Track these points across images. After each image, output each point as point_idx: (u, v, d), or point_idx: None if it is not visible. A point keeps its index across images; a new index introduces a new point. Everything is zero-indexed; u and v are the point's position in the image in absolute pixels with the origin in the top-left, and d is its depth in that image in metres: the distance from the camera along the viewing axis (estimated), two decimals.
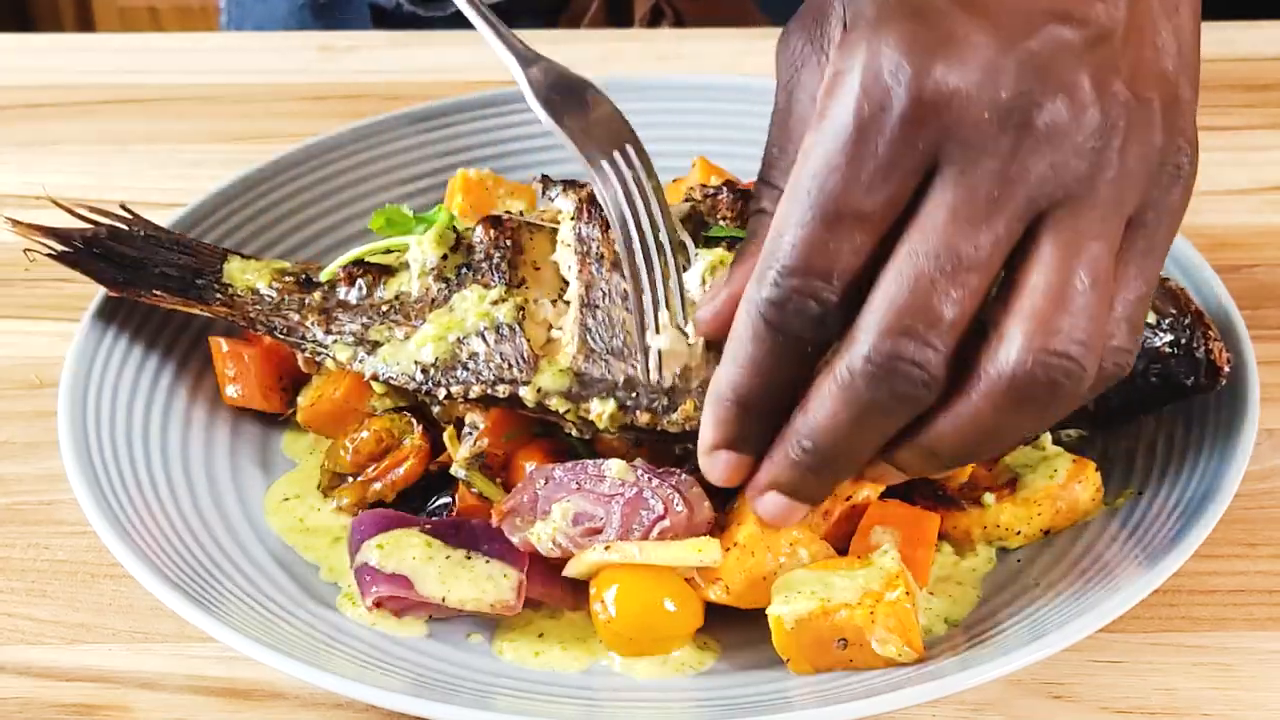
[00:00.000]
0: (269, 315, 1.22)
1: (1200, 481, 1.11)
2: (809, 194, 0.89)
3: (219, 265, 1.26)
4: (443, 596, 1.07)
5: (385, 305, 1.20)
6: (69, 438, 1.15)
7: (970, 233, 0.87)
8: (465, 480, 1.15)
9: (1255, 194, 1.48)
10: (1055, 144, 0.87)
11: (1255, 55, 1.66)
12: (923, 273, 0.88)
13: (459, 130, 1.47)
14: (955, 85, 0.86)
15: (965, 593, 1.11)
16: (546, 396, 1.12)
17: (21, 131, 1.59)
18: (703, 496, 1.08)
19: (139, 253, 1.27)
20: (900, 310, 0.88)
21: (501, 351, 1.14)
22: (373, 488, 1.17)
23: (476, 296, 1.16)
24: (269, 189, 1.39)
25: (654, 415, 1.10)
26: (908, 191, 0.88)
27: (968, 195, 0.87)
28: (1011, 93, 0.87)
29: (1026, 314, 0.88)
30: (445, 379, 1.15)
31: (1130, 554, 1.08)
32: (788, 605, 1.03)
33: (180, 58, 1.73)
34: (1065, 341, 0.88)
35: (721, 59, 1.68)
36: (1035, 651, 0.99)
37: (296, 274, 1.25)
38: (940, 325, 0.88)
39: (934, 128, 0.87)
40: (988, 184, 0.87)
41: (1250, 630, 1.09)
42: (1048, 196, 0.88)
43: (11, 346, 1.35)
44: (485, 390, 1.13)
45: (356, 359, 1.18)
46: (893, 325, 0.88)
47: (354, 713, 1.05)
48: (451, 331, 1.15)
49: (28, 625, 1.11)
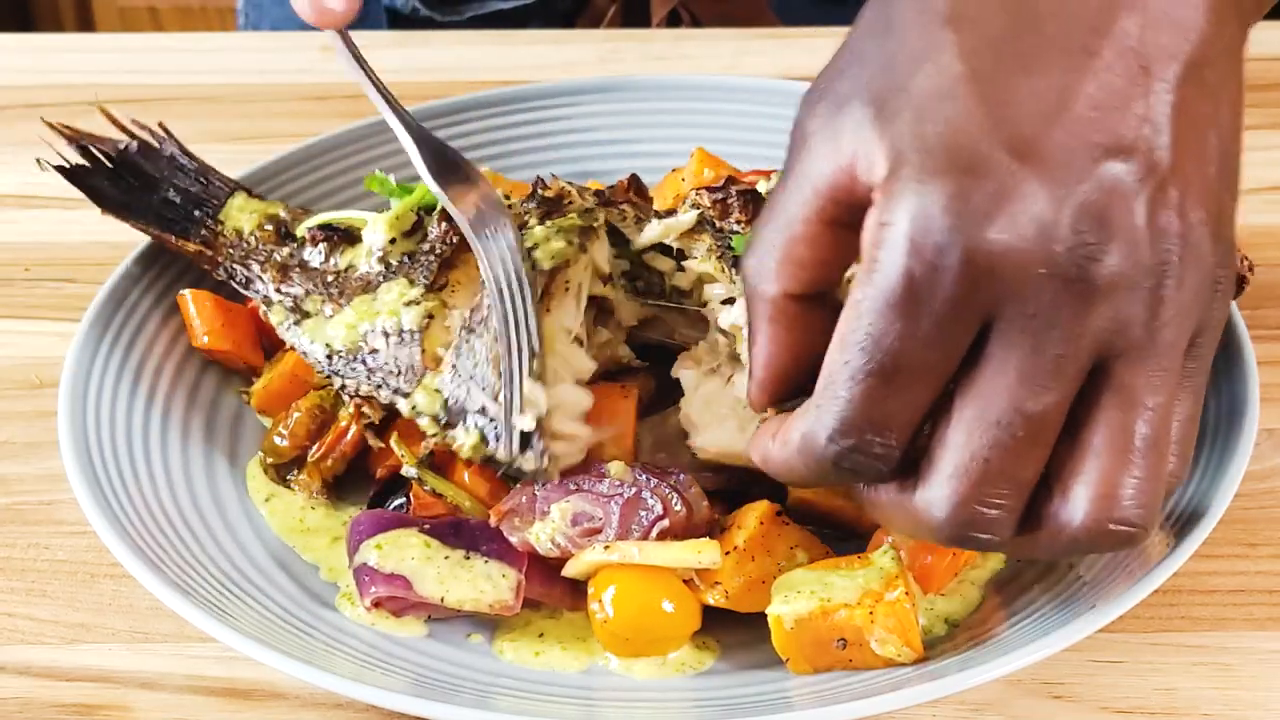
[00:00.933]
0: (235, 263, 1.23)
1: (1200, 481, 1.11)
2: (863, 350, 0.86)
3: (224, 199, 1.27)
4: (441, 597, 1.07)
5: (331, 275, 1.19)
6: (69, 438, 1.15)
7: (1036, 394, 0.86)
8: (418, 479, 1.15)
9: (1255, 194, 1.48)
10: (1115, 295, 0.85)
11: (1255, 55, 1.65)
12: (992, 439, 0.86)
13: (459, 130, 1.47)
14: (1010, 243, 0.84)
15: (968, 592, 1.10)
16: (418, 415, 1.11)
17: (21, 131, 1.59)
18: (701, 496, 1.08)
19: (157, 172, 1.29)
20: (973, 479, 0.87)
21: (397, 355, 1.12)
22: (324, 465, 1.18)
23: (398, 292, 1.14)
24: (269, 189, 1.39)
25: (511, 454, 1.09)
26: (963, 350, 0.87)
27: (1031, 356, 0.85)
28: (1067, 246, 0.84)
29: (1090, 477, 0.87)
30: (344, 369, 1.14)
31: (1130, 554, 1.08)
32: (787, 605, 1.03)
33: (180, 58, 1.72)
34: (1129, 508, 0.88)
35: (720, 59, 1.68)
36: (1035, 651, 0.99)
37: (281, 222, 1.25)
38: (1012, 493, 0.88)
39: (990, 287, 0.84)
40: (1053, 345, 0.85)
41: (1250, 630, 1.09)
42: (1109, 347, 0.86)
43: (11, 346, 1.35)
44: (371, 391, 1.13)
45: (285, 325, 1.18)
46: (967, 495, 0.88)
47: (354, 713, 1.05)
48: (363, 321, 1.14)
49: (28, 625, 1.11)
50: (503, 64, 1.70)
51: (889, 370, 0.86)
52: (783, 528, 1.08)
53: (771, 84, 1.50)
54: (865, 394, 0.87)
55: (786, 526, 1.09)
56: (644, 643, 1.06)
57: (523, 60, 1.70)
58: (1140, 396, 0.87)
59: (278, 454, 1.19)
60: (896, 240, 0.85)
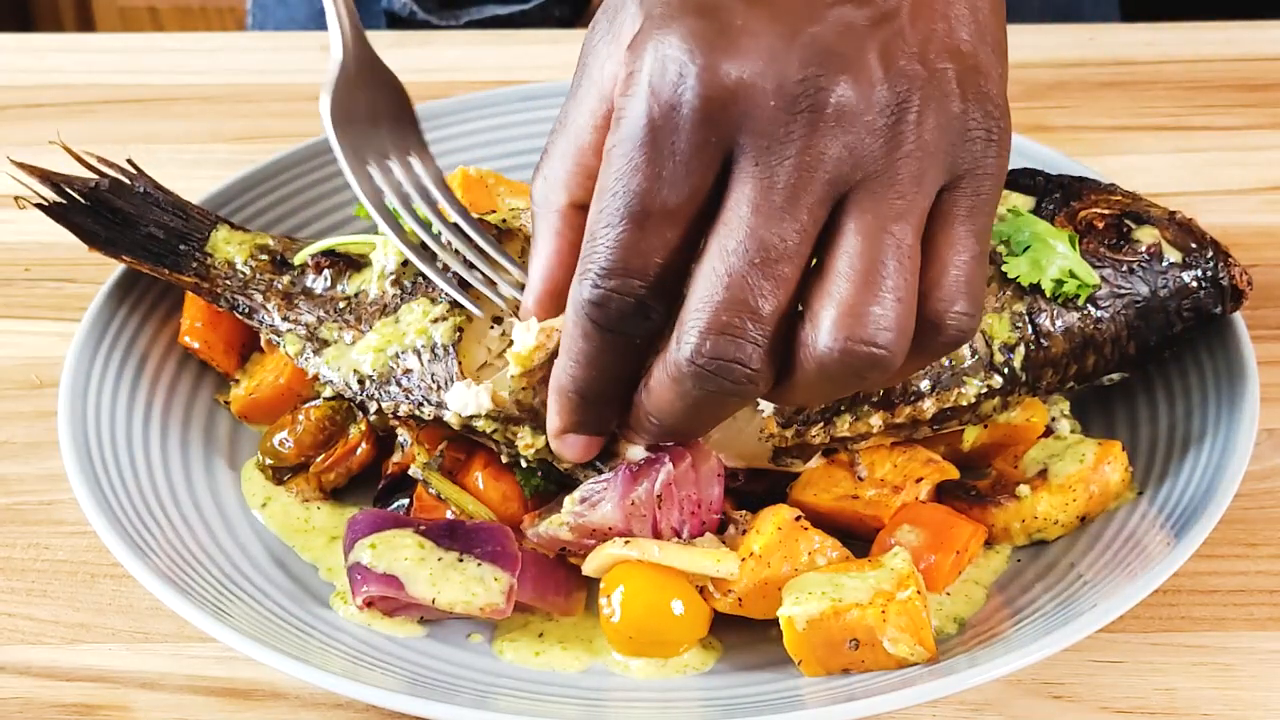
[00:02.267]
0: (235, 293, 1.22)
1: (1200, 481, 1.11)
2: (615, 195, 0.90)
3: (206, 233, 1.26)
4: (432, 599, 1.07)
5: (343, 301, 1.20)
6: (69, 438, 1.15)
7: (775, 224, 0.89)
8: (423, 481, 1.15)
9: (1255, 194, 1.48)
10: (847, 125, 0.88)
11: (1255, 55, 1.66)
12: (734, 269, 0.89)
13: (459, 130, 1.47)
14: (740, 77, 0.88)
15: (977, 593, 1.10)
16: (473, 418, 1.11)
17: (21, 131, 1.59)
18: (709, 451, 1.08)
19: (134, 210, 1.27)
20: (716, 309, 0.90)
21: (433, 372, 1.13)
22: (326, 476, 1.18)
23: (421, 311, 1.15)
24: (269, 189, 1.39)
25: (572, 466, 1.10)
26: (708, 184, 0.90)
27: (767, 186, 0.88)
28: (797, 79, 0.88)
29: (834, 300, 0.90)
30: (379, 393, 1.14)
31: (1130, 554, 1.08)
32: (799, 606, 1.03)
33: (180, 58, 1.72)
34: (874, 329, 0.89)
35: None
36: (1035, 651, 0.99)
37: (274, 253, 1.24)
38: (756, 320, 0.90)
39: (725, 121, 0.88)
40: (785, 173, 0.88)
41: (1250, 630, 1.09)
42: (846, 179, 0.89)
43: (11, 346, 1.35)
44: (412, 410, 1.13)
45: (304, 355, 1.18)
46: (711, 324, 0.90)
47: (354, 713, 1.05)
48: (391, 344, 1.14)
49: (28, 625, 1.11)
50: (503, 64, 1.70)
51: (639, 213, 0.90)
52: (801, 533, 1.08)
53: None
54: (621, 239, 0.90)
55: (805, 532, 1.08)
56: (651, 643, 1.06)
57: (522, 60, 1.70)
58: (881, 223, 0.89)
59: (278, 458, 1.19)
60: (638, 87, 0.89)
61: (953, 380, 1.12)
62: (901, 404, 1.11)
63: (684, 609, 1.05)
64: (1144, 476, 1.16)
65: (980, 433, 1.16)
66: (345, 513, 1.18)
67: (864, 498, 1.12)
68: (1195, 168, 1.51)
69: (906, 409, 1.11)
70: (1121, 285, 1.16)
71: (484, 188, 1.36)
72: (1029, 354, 1.13)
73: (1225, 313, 1.18)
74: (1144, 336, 1.17)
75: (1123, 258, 1.16)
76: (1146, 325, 1.16)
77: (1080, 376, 1.17)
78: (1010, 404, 1.15)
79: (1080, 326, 1.15)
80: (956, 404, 1.12)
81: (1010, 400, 1.15)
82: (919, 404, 1.11)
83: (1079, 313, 1.15)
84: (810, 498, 1.13)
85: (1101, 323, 1.15)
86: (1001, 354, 1.13)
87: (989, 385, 1.12)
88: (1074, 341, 1.15)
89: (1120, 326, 1.16)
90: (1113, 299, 1.15)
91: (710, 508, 1.08)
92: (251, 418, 1.24)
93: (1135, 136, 1.56)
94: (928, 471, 1.13)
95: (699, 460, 1.07)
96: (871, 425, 1.11)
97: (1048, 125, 1.57)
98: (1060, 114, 1.59)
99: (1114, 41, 1.70)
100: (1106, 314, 1.15)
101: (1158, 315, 1.17)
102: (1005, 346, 1.13)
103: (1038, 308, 1.14)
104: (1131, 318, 1.16)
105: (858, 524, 1.13)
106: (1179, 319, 1.17)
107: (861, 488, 1.13)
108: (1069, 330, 1.15)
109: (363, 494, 1.19)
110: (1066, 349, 1.15)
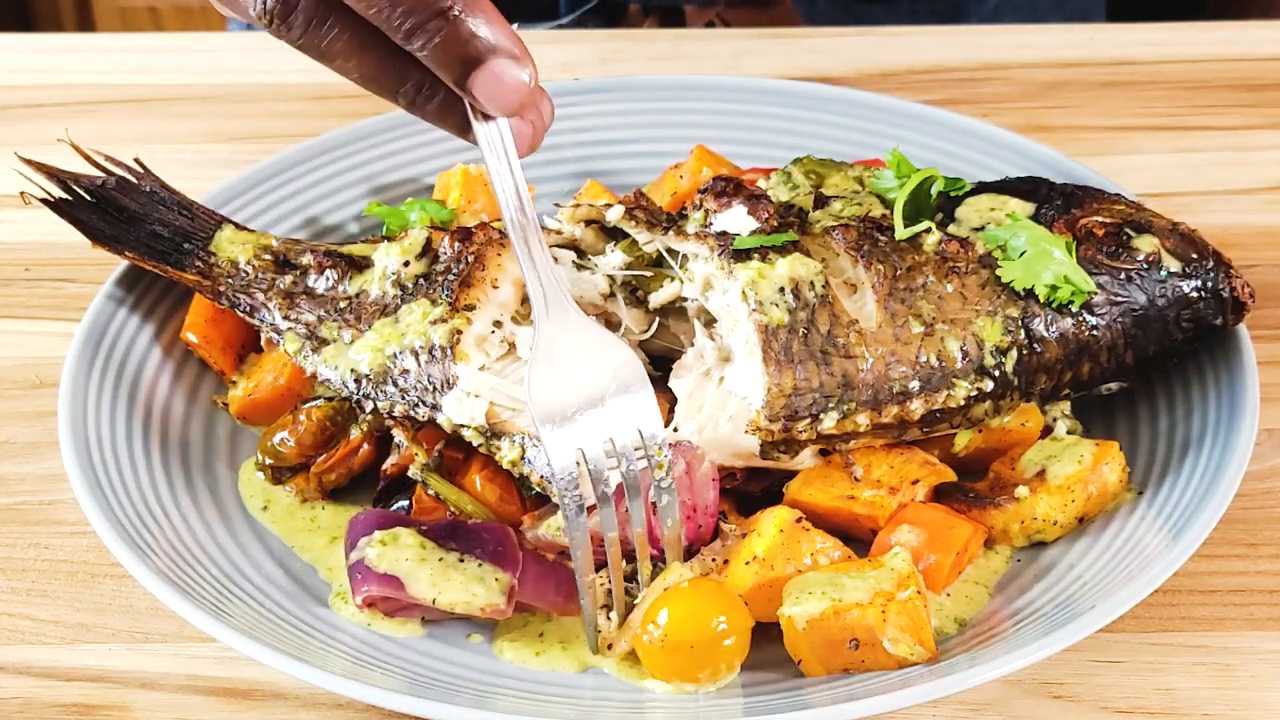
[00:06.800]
0: (237, 291, 1.23)
1: (1200, 481, 1.11)
2: None
3: (211, 232, 1.27)
4: (433, 599, 1.07)
5: (344, 301, 1.20)
6: (69, 438, 1.15)
7: None
8: (422, 482, 1.15)
9: (1255, 194, 1.48)
10: None
11: (1255, 55, 1.66)
12: None
13: None
14: None
15: (977, 593, 1.11)
16: (462, 426, 1.12)
17: (22, 131, 1.59)
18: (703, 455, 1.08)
19: (140, 207, 1.28)
20: None
21: (430, 373, 1.13)
22: (327, 476, 1.18)
23: (421, 312, 1.15)
24: (269, 189, 1.39)
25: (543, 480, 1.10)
26: None
27: None
28: None
29: None
30: (375, 392, 1.15)
31: (1130, 554, 1.08)
32: (799, 606, 1.03)
33: (180, 58, 1.73)
34: None
35: (720, 59, 1.68)
36: (1035, 651, 0.99)
37: (277, 253, 1.25)
38: None
39: None
40: None
41: (1250, 630, 1.09)
42: None
43: (11, 346, 1.35)
44: (407, 410, 1.14)
45: (303, 353, 1.18)
46: None
47: (354, 713, 1.05)
48: (390, 344, 1.15)
49: (28, 625, 1.11)
50: None
51: None
52: (803, 534, 1.08)
53: (770, 84, 1.50)
54: None
55: (807, 533, 1.08)
56: (689, 667, 1.04)
57: None
58: None
59: (278, 457, 1.19)
60: None
61: (942, 381, 1.12)
62: (889, 403, 1.11)
63: (731, 636, 1.03)
64: (1144, 477, 1.16)
65: (973, 436, 1.16)
66: (346, 513, 1.18)
67: (860, 498, 1.12)
68: (1195, 168, 1.51)
69: (894, 409, 1.11)
70: (1119, 293, 1.16)
71: (484, 187, 1.36)
72: (1021, 358, 1.13)
73: (1226, 325, 1.18)
74: (1142, 345, 1.17)
75: (1121, 265, 1.16)
76: (1144, 334, 1.16)
77: (1077, 384, 1.17)
78: (1003, 408, 1.15)
79: (1075, 333, 1.15)
80: (946, 405, 1.12)
81: (1003, 404, 1.15)
82: (906, 404, 1.11)
83: (1074, 319, 1.15)
84: (807, 496, 1.13)
85: (1098, 330, 1.15)
86: (993, 357, 1.13)
87: (979, 388, 1.12)
88: (1068, 348, 1.15)
89: (1117, 334, 1.16)
90: (1109, 306, 1.15)
91: (706, 511, 1.08)
92: (250, 418, 1.24)
93: (1135, 137, 1.56)
94: (924, 474, 1.13)
95: (693, 465, 1.07)
96: (859, 424, 1.11)
97: (1048, 125, 1.57)
98: (1060, 114, 1.60)
99: (1114, 42, 1.70)
100: (1103, 321, 1.15)
101: (1156, 324, 1.17)
102: (997, 350, 1.13)
103: (1032, 312, 1.14)
104: (1129, 326, 1.16)
105: (853, 525, 1.13)
106: (1178, 329, 1.17)
107: (858, 488, 1.13)
108: (1063, 336, 1.14)
109: (363, 494, 1.19)
110: (1061, 355, 1.15)
